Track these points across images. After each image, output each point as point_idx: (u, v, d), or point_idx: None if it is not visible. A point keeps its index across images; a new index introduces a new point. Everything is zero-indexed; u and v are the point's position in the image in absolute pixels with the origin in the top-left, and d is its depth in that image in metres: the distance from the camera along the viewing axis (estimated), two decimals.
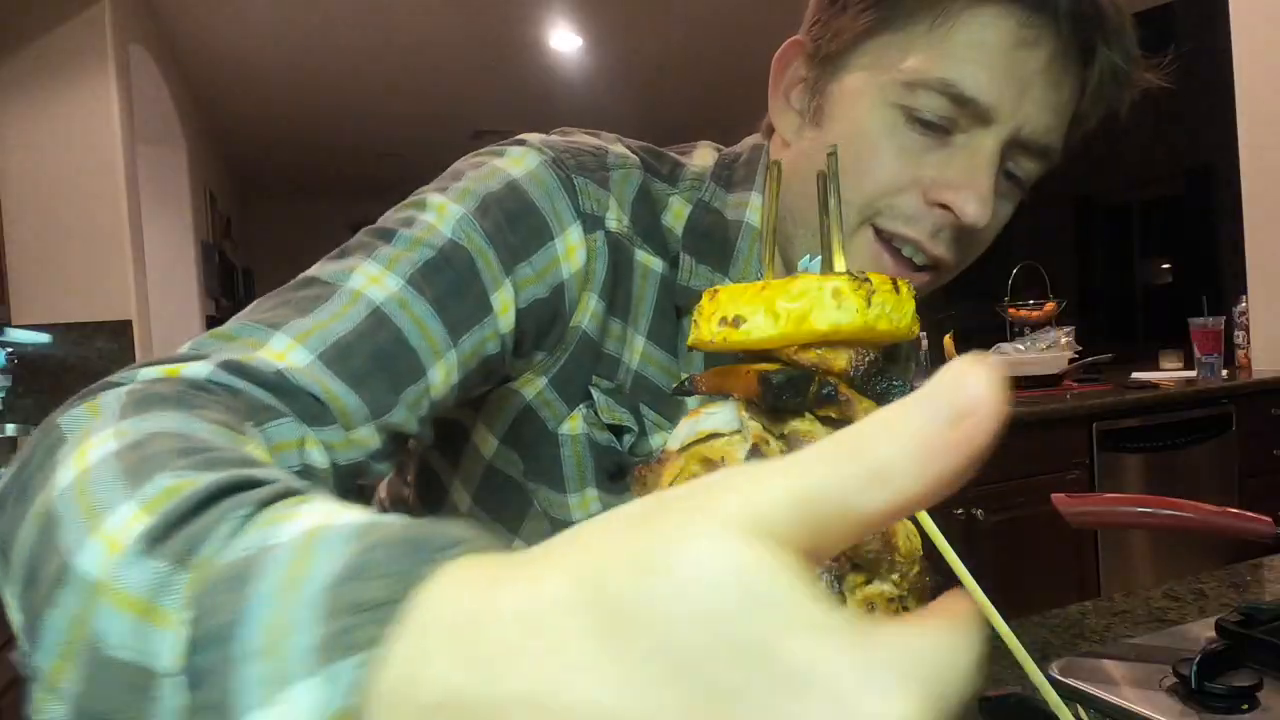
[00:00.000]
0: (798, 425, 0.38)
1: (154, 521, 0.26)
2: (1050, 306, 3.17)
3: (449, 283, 0.53)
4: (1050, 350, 2.91)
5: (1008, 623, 0.39)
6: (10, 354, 2.61)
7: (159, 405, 0.36)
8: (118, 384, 0.40)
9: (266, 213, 7.77)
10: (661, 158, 0.66)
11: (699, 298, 0.56)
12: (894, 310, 0.38)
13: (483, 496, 0.67)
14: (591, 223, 0.60)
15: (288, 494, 0.27)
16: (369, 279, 0.51)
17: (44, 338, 2.82)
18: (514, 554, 0.20)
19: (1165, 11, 4.80)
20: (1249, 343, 3.20)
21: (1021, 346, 2.96)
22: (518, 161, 0.59)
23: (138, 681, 0.23)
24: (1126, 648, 0.75)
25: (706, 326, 0.39)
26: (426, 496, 0.70)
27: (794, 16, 0.66)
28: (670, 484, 0.39)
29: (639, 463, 0.56)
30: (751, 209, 0.64)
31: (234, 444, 0.35)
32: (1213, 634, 0.72)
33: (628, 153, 0.64)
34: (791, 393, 0.37)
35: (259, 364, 0.44)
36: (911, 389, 0.21)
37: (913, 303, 0.39)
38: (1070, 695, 0.67)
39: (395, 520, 0.23)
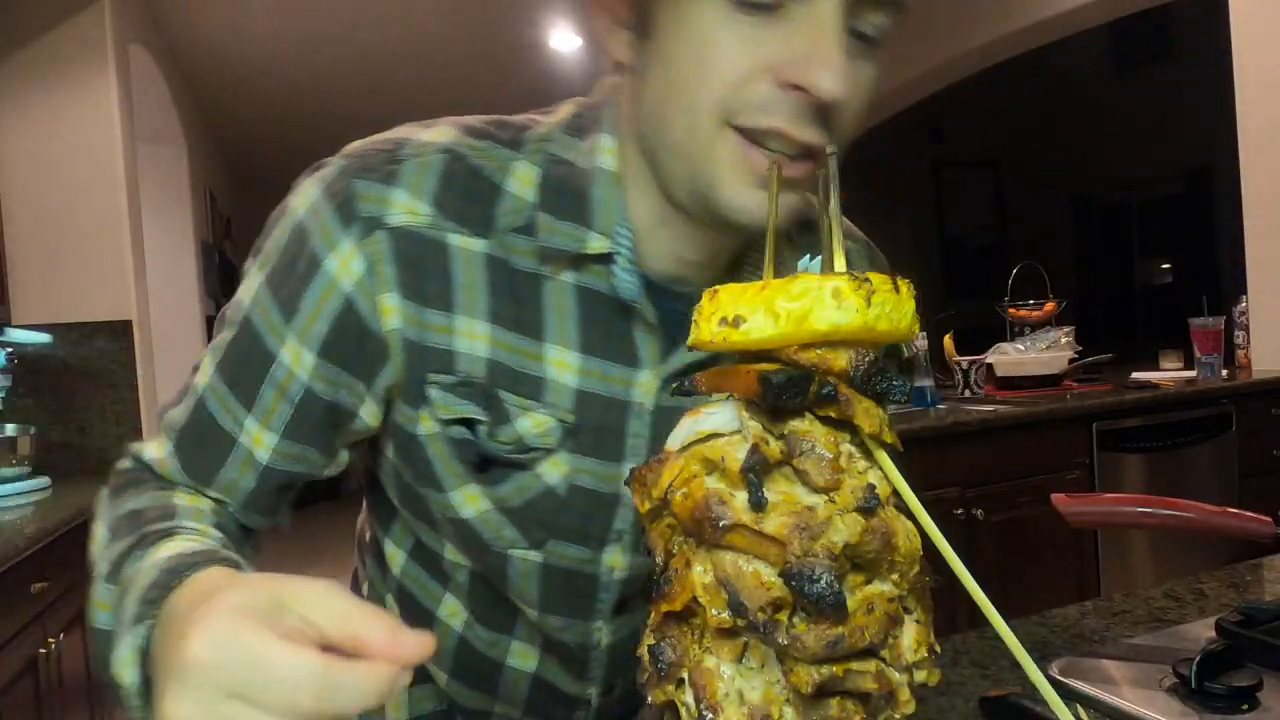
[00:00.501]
0: (798, 425, 0.38)
1: (108, 569, 0.56)
2: (1050, 306, 3.17)
3: (240, 356, 0.61)
4: (1050, 350, 2.91)
5: (1008, 623, 0.39)
6: (10, 354, 2.60)
7: (119, 494, 0.62)
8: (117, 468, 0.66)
9: (266, 213, 7.74)
10: (505, 125, 0.63)
11: (569, 256, 0.59)
12: (894, 310, 0.38)
13: (406, 503, 0.68)
14: (368, 226, 0.57)
15: (164, 534, 0.54)
16: (200, 370, 0.63)
17: (44, 338, 2.82)
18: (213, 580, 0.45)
19: (1165, 11, 4.80)
20: (1249, 343, 3.20)
21: (1021, 346, 2.96)
22: (302, 198, 0.60)
23: (104, 632, 0.53)
24: (1126, 648, 0.75)
25: (706, 326, 0.39)
26: (373, 502, 0.75)
27: None
28: (669, 484, 0.39)
29: (506, 450, 0.60)
30: (602, 152, 0.60)
31: (161, 501, 0.60)
32: (1213, 634, 0.72)
33: (432, 139, 0.60)
34: (791, 393, 0.37)
35: (145, 455, 0.64)
36: (911, 389, 0.21)
37: (913, 303, 0.39)
38: (1070, 695, 0.67)
39: (183, 551, 0.51)
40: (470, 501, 0.62)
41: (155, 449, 0.64)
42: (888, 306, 0.37)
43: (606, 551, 0.64)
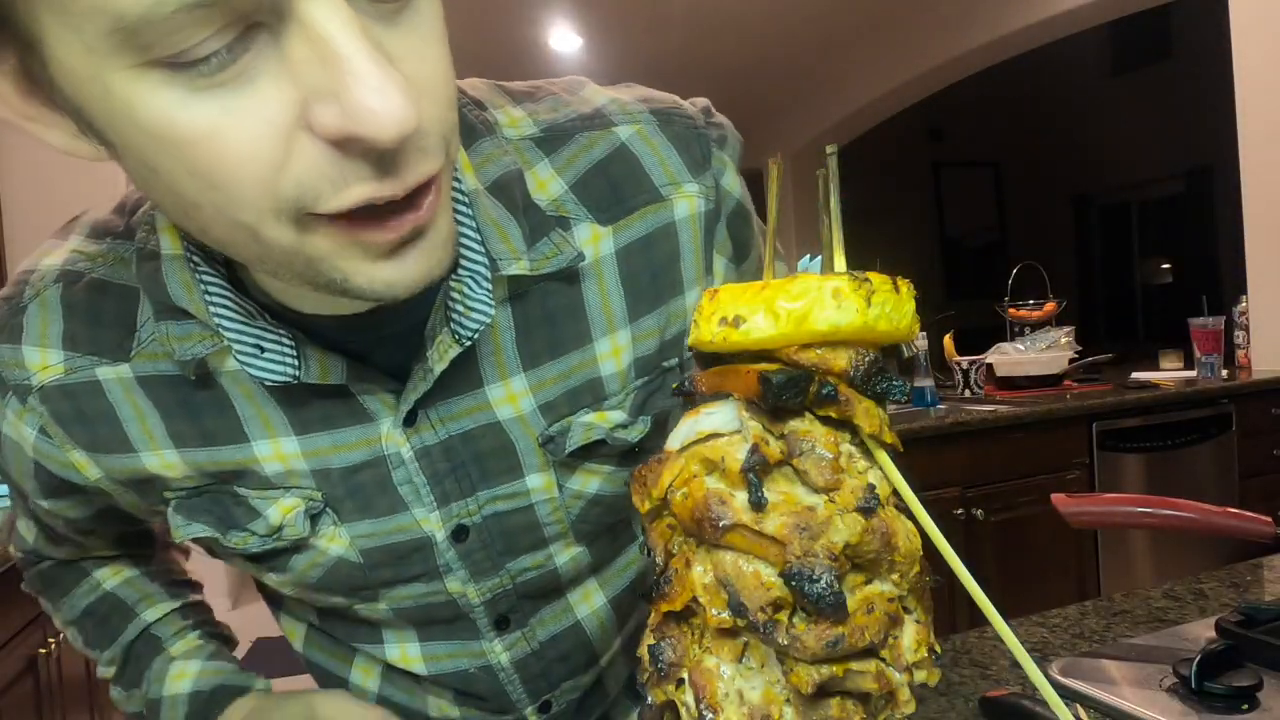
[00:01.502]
0: (798, 425, 0.38)
1: (114, 673, 0.68)
2: (1050, 306, 3.17)
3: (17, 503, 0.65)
4: (1050, 350, 2.91)
5: (1008, 623, 0.39)
6: None
7: (50, 588, 0.70)
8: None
9: None
10: (123, 208, 0.54)
11: (208, 353, 0.49)
12: (894, 310, 0.38)
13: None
14: (21, 393, 0.52)
15: (153, 647, 0.67)
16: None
17: None
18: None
19: (1165, 11, 4.80)
20: (1249, 343, 3.20)
21: (1021, 346, 2.96)
22: None
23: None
24: (1126, 648, 0.75)
25: (706, 326, 0.39)
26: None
27: (793, 17, 0.65)
28: (669, 484, 0.39)
29: (269, 543, 0.54)
30: (162, 232, 0.49)
31: (95, 591, 0.69)
32: (1213, 634, 0.72)
33: (49, 264, 0.53)
34: (791, 393, 0.37)
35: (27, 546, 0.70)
36: (911, 389, 0.21)
37: (913, 303, 0.39)
38: (1070, 695, 0.67)
39: (200, 687, 0.64)
40: (281, 585, 0.59)
41: (31, 540, 0.68)
42: (888, 306, 0.37)
43: (447, 582, 0.59)
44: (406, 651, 0.62)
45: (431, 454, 0.54)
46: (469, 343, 0.50)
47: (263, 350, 0.48)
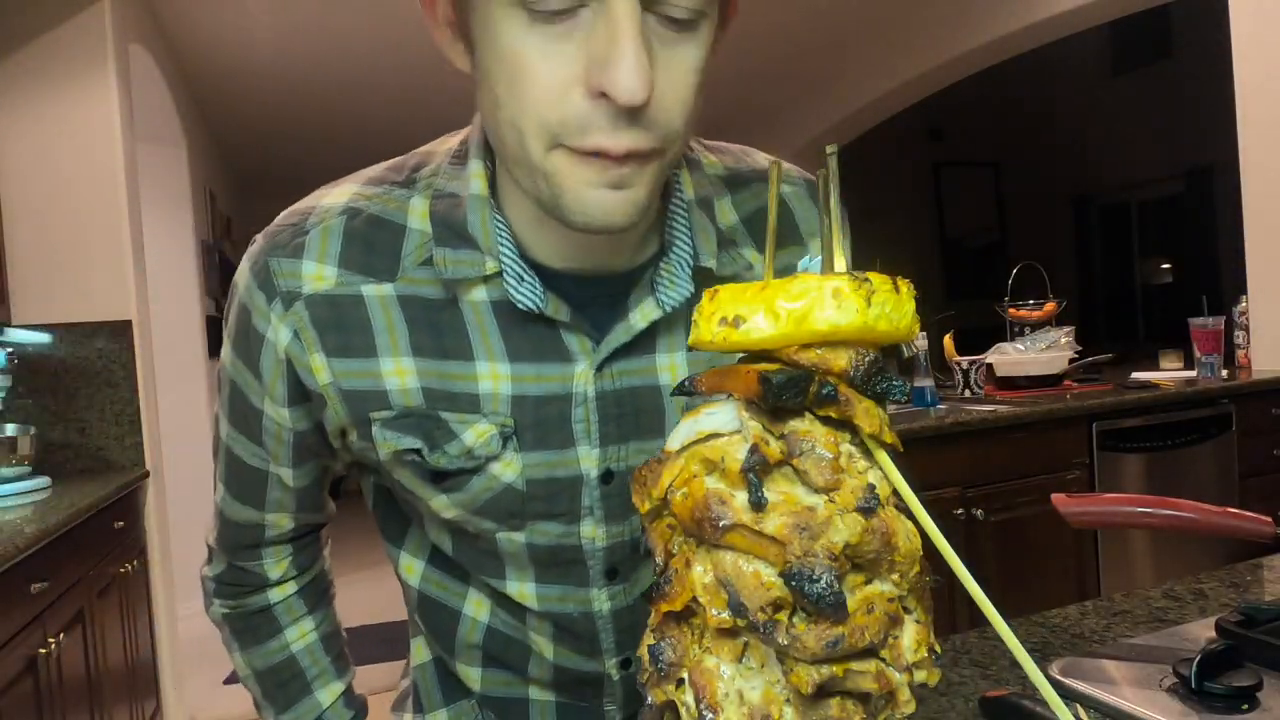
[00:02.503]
0: (798, 425, 0.38)
1: None
2: (1050, 306, 3.17)
3: (239, 411, 0.71)
4: (1050, 350, 2.91)
5: (1008, 623, 0.39)
6: (10, 354, 2.60)
7: (240, 635, 0.82)
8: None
9: (266, 212, 7.75)
10: (400, 168, 0.68)
11: (471, 280, 0.63)
12: (894, 310, 0.38)
13: (407, 507, 0.75)
14: (288, 299, 0.64)
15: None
16: (219, 421, 0.74)
17: (44, 338, 2.82)
18: None
19: (1165, 11, 4.80)
20: (1249, 343, 3.20)
21: (1021, 346, 2.96)
22: (241, 277, 0.67)
23: None
24: (1126, 648, 0.75)
25: (706, 326, 0.39)
26: (383, 524, 0.82)
27: (793, 17, 0.66)
28: (669, 484, 0.39)
29: (456, 464, 0.65)
30: (472, 178, 0.64)
31: (280, 656, 0.81)
32: (1213, 634, 0.72)
33: (332, 202, 0.66)
34: (791, 393, 0.37)
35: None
36: (911, 389, 0.21)
37: (913, 303, 0.39)
38: (1070, 695, 0.67)
39: None
40: (443, 507, 0.68)
41: (226, 501, 0.76)
42: (888, 306, 0.37)
43: (582, 525, 0.69)
44: (524, 588, 0.72)
45: (606, 399, 0.66)
46: (669, 310, 0.64)
47: (521, 281, 0.62)
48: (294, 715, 0.81)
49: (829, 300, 0.37)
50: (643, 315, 0.64)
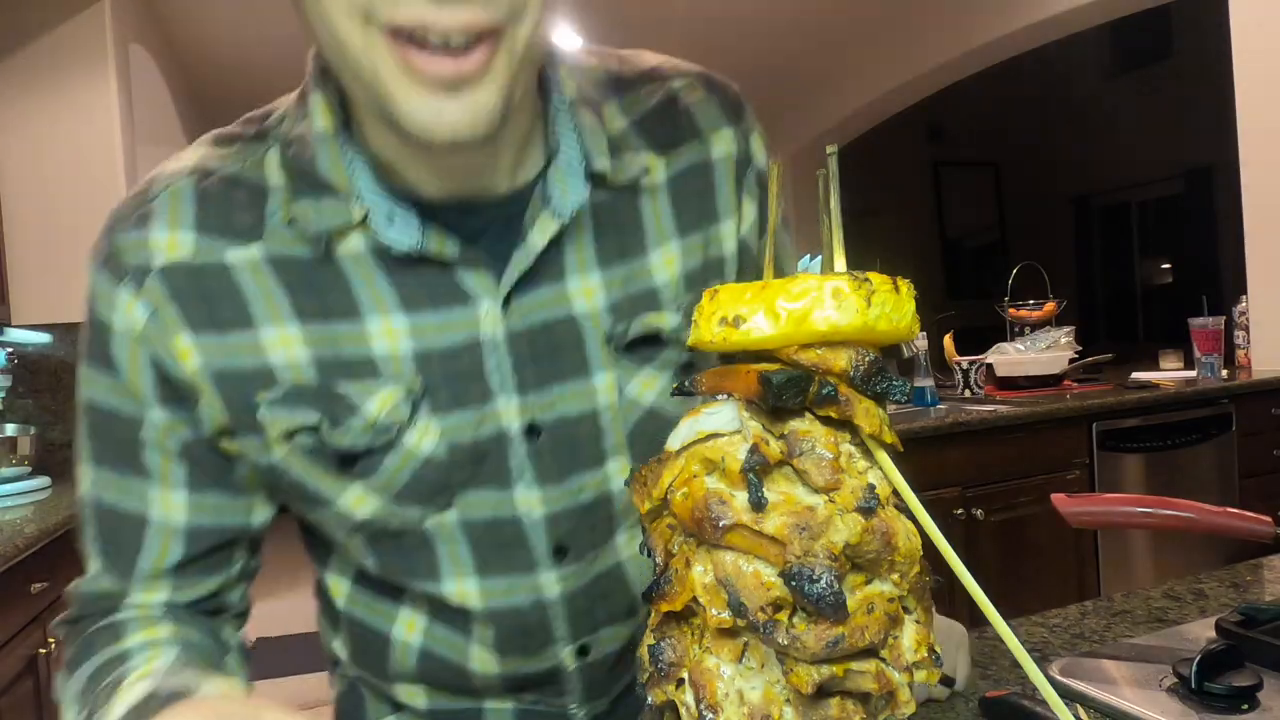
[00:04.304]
0: (798, 425, 0.38)
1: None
2: (1050, 306, 3.17)
3: (109, 438, 0.60)
4: (1050, 350, 2.91)
5: (1008, 623, 0.39)
6: (10, 354, 2.60)
7: (73, 667, 0.59)
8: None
9: None
10: (251, 120, 0.61)
11: (340, 230, 0.55)
12: (894, 310, 0.38)
13: (319, 531, 0.67)
14: (139, 275, 0.56)
15: (112, 688, 0.54)
16: (80, 481, 0.62)
17: (44, 338, 2.82)
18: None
19: (1165, 11, 4.80)
20: (1249, 343, 3.20)
21: (1021, 346, 2.96)
22: (88, 279, 0.59)
23: None
24: (1126, 648, 0.75)
25: (706, 326, 0.39)
26: (308, 545, 0.74)
27: (793, 17, 0.66)
28: (669, 484, 0.39)
29: (363, 440, 0.57)
30: (312, 115, 0.56)
31: (110, 656, 0.58)
32: (1213, 634, 0.72)
33: (179, 166, 0.59)
34: (791, 393, 0.37)
35: (83, 588, 0.63)
36: (911, 389, 0.21)
37: (913, 303, 0.39)
38: (1070, 695, 0.67)
39: (131, 702, 0.51)
40: (359, 503, 0.60)
41: (90, 577, 0.62)
42: (888, 306, 0.37)
43: (515, 491, 0.62)
44: (465, 586, 0.64)
45: (518, 341, 0.59)
46: (567, 220, 0.58)
47: (393, 221, 0.55)
48: (80, 680, 0.58)
49: (829, 300, 0.37)
50: (541, 231, 0.57)
